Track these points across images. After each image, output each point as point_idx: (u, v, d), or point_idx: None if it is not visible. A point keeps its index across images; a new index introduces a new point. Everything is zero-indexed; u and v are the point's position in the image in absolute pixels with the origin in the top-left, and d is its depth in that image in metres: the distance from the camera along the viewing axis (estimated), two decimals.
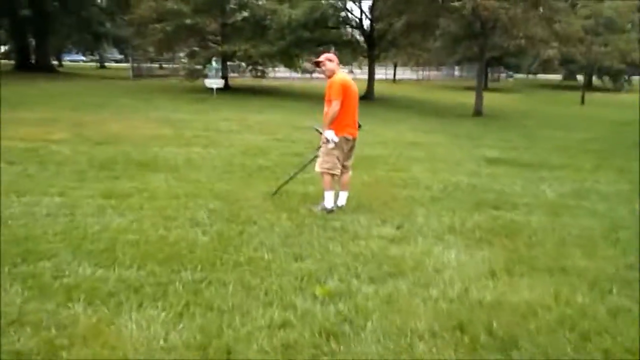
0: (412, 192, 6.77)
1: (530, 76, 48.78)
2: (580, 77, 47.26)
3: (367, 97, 23.29)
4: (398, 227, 5.27)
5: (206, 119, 13.95)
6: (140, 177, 7.09)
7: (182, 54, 29.81)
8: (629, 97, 31.39)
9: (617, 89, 35.62)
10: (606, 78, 37.25)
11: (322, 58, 5.81)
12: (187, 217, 5.28)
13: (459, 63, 38.54)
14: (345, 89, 5.58)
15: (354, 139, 5.83)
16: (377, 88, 24.24)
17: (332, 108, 5.51)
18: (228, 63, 24.64)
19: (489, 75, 37.93)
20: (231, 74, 26.82)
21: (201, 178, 7.23)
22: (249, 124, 13.47)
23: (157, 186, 6.62)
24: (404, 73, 42.94)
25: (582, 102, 26.18)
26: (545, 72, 45.78)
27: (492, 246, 4.81)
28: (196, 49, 24.42)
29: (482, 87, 18.75)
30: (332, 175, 5.76)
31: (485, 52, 18.64)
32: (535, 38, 16.99)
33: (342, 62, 27.36)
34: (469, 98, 27.11)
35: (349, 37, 24.08)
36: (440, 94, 29.17)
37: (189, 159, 8.60)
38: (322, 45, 22.43)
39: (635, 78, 39.66)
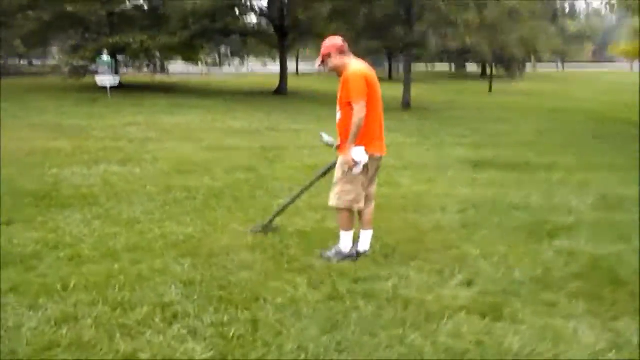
0: (431, 218, 5.21)
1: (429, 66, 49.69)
2: (469, 66, 49.10)
3: (280, 91, 21.56)
4: (469, 284, 3.65)
5: (109, 125, 11.43)
6: (42, 220, 4.84)
7: (56, 48, 25.90)
8: (527, 84, 32.63)
9: (512, 77, 36.94)
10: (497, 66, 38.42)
11: (322, 49, 4.01)
12: (152, 313, 3.23)
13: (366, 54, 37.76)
14: (370, 85, 3.84)
15: (381, 157, 4.12)
16: (276, 81, 22.42)
17: (356, 114, 3.75)
18: (118, 57, 21.56)
19: (391, 65, 37.77)
20: (123, 70, 23.64)
21: (138, 215, 5.13)
22: (164, 128, 11.19)
23: (76, 236, 4.44)
24: (306, 65, 41.43)
25: (490, 90, 26.45)
26: (439, 61, 46.88)
27: (613, 305, 3.36)
28: (79, 42, 21.05)
29: (410, 78, 17.74)
30: (351, 210, 4.01)
31: (408, 42, 17.61)
32: (468, 26, 16.21)
33: (254, 54, 25.48)
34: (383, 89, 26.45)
35: (259, 26, 22.02)
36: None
37: (108, 183, 6.39)
38: (230, 35, 20.22)
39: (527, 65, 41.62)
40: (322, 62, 4.03)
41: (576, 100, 21.81)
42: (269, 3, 21.06)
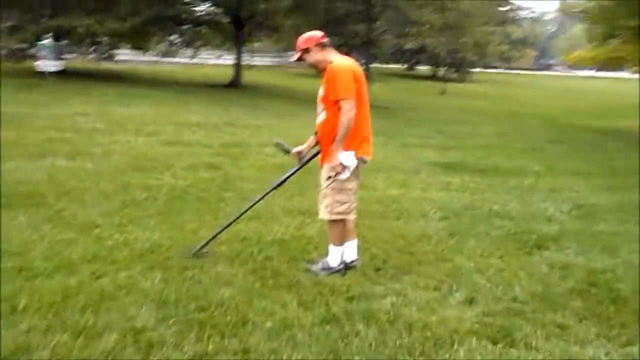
0: (415, 226, 4.94)
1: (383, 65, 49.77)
2: (420, 67, 49.67)
3: (234, 84, 20.91)
4: (470, 302, 3.38)
5: (53, 114, 10.55)
6: None
7: None
8: (478, 87, 33.30)
9: (461, 80, 37.62)
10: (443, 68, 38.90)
11: (299, 44, 3.62)
12: (122, 342, 2.76)
13: None
14: (357, 81, 3.49)
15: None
16: (229, 73, 21.73)
17: (344, 114, 3.38)
18: (62, 42, 20.21)
19: None
20: (66, 56, 22.22)
21: (95, 218, 4.59)
22: (116, 120, 10.43)
23: (22, 243, 3.87)
24: (253, 59, 40.48)
25: (443, 92, 26.71)
26: (392, 62, 47.04)
27: (622, 328, 3.17)
28: (18, 23, 19.57)
29: (369, 77, 17.51)
30: (344, 221, 3.67)
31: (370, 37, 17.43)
32: (430, 27, 16.18)
33: (211, 45, 24.59)
34: None
35: (213, 16, 21.22)
36: (304, 82, 27.71)
37: (56, 180, 5.76)
38: (183, 24, 19.37)
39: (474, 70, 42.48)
40: (300, 58, 3.64)
41: (528, 105, 22.33)
42: None
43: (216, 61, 35.19)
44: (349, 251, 3.77)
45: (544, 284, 3.73)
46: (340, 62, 3.48)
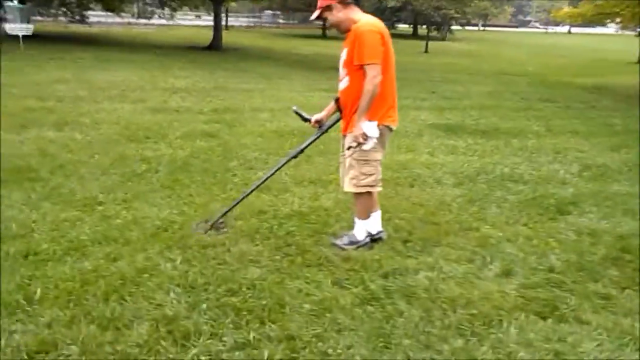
0: (431, 194, 4.80)
1: None
2: (400, 26, 48.95)
3: (214, 46, 20.23)
4: (507, 274, 3.25)
5: (30, 81, 10.01)
6: None
7: None
8: (459, 45, 32.97)
9: (442, 38, 37.22)
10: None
11: (320, 0, 3.31)
12: (155, 332, 2.57)
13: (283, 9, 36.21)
14: (385, 44, 3.22)
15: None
16: (210, 36, 20.99)
17: (370, 80, 3.12)
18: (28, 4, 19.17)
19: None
20: (36, 17, 21.17)
21: (96, 194, 4.32)
22: (98, 85, 9.96)
23: (24, 224, 3.60)
24: (229, 20, 39.34)
25: (426, 50, 26.39)
26: None
27: None
28: None
29: None
30: (371, 193, 3.47)
31: None
32: None
33: (188, 5, 23.62)
34: (316, 46, 25.66)
35: None
36: (285, 43, 27.03)
37: (47, 153, 5.44)
38: None
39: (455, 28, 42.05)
40: (319, 15, 3.36)
41: (513, 63, 22.16)
42: None
43: (192, 22, 34.11)
44: (374, 223, 3.59)
45: (576, 251, 3.62)
46: (366, 22, 3.21)
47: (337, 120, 3.54)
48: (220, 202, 4.25)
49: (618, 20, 14.27)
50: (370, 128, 3.20)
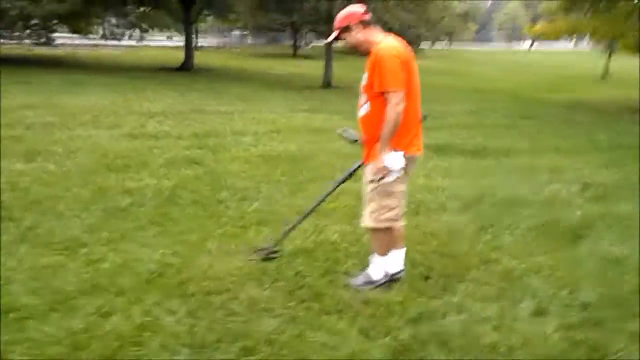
0: (438, 221, 4.54)
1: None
2: None
3: (185, 67, 19.85)
4: (542, 313, 2.99)
5: None
6: None
7: None
8: (431, 63, 33.24)
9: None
10: None
11: (337, 21, 3.06)
12: None
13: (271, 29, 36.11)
14: (407, 68, 2.96)
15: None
16: (180, 57, 20.66)
17: (392, 108, 2.87)
18: None
19: (297, 41, 36.71)
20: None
21: (78, 234, 3.91)
22: (69, 111, 9.44)
23: None
24: (204, 40, 38.95)
25: None
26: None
27: None
28: None
29: (331, 55, 16.94)
30: (391, 229, 3.19)
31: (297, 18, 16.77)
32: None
33: (159, 26, 23.18)
34: (288, 66, 25.47)
35: None
36: (257, 63, 26.80)
37: (18, 188, 4.98)
38: (129, 4, 18.05)
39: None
40: (338, 37, 3.10)
41: (487, 80, 22.41)
42: None
43: (160, 43, 33.56)
44: (394, 261, 3.30)
45: (606, 283, 3.41)
46: (388, 45, 2.95)
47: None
48: (217, 240, 3.90)
49: (589, 36, 14.47)
50: (395, 159, 2.93)
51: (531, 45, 65.64)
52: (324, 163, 6.46)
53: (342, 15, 3.04)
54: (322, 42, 47.44)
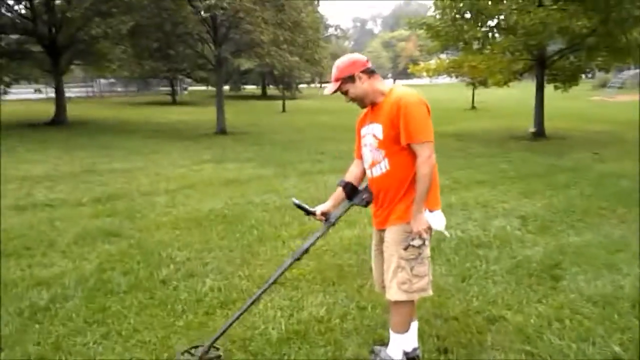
0: None
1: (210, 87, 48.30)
2: (248, 87, 49.52)
3: (58, 121, 18.14)
4: None
5: None
6: None
7: None
8: (307, 102, 34.00)
9: (292, 97, 38.16)
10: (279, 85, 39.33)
11: (339, 70, 2.66)
12: None
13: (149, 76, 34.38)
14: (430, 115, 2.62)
15: None
16: (48, 109, 18.99)
17: (425, 162, 2.52)
18: None
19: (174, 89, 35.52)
20: None
21: None
22: None
23: None
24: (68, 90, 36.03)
25: (284, 110, 26.65)
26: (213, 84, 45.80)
27: None
28: None
29: (222, 101, 16.33)
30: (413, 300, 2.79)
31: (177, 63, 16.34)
32: (274, 45, 15.64)
33: (25, 78, 20.96)
34: (171, 114, 24.35)
35: (20, 46, 18.07)
36: (135, 112, 25.36)
37: None
38: None
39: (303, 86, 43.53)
40: (340, 89, 2.69)
41: None
42: (32, 18, 17.36)
43: (18, 97, 30.54)
44: (410, 338, 2.87)
45: (618, 328, 3.27)
46: (409, 92, 2.58)
47: (347, 209, 2.85)
48: (180, 335, 3.20)
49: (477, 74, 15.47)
50: (438, 219, 2.57)
51: (394, 81, 70.62)
52: (260, 220, 5.90)
53: (343, 65, 2.64)
54: (198, 87, 46.61)
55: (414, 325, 2.91)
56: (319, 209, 2.86)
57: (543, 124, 14.58)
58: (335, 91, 2.67)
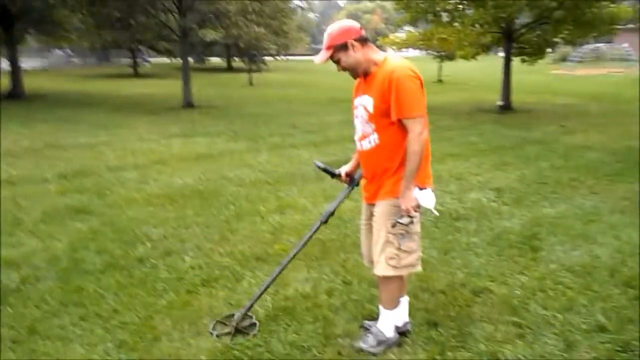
0: None
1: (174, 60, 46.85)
2: (212, 59, 48.26)
3: (16, 94, 17.34)
4: (569, 345, 2.79)
5: None
6: None
7: None
8: (275, 75, 33.50)
9: (258, 70, 37.46)
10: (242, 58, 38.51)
11: (331, 38, 2.53)
12: None
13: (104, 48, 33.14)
14: (423, 89, 2.53)
15: None
16: (3, 82, 18.15)
17: (417, 137, 2.44)
18: None
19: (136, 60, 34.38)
20: None
21: None
22: None
23: None
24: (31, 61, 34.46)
25: (251, 83, 26.17)
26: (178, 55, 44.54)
27: None
28: None
29: (188, 74, 15.84)
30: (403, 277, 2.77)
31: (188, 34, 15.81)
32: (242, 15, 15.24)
33: None
34: (135, 86, 23.61)
35: None
36: (97, 85, 24.47)
37: None
38: None
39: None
40: (331, 57, 2.58)
41: (338, 90, 22.90)
42: None
43: None
44: (401, 312, 2.86)
45: (600, 297, 3.34)
46: (402, 64, 2.47)
47: None
48: (163, 315, 3.11)
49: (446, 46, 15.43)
50: (427, 197, 2.51)
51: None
52: (236, 195, 5.78)
53: (336, 32, 2.52)
54: (161, 59, 45.19)
55: (405, 300, 2.90)
56: (342, 170, 2.86)
57: (510, 97, 14.74)
58: (326, 59, 2.55)
